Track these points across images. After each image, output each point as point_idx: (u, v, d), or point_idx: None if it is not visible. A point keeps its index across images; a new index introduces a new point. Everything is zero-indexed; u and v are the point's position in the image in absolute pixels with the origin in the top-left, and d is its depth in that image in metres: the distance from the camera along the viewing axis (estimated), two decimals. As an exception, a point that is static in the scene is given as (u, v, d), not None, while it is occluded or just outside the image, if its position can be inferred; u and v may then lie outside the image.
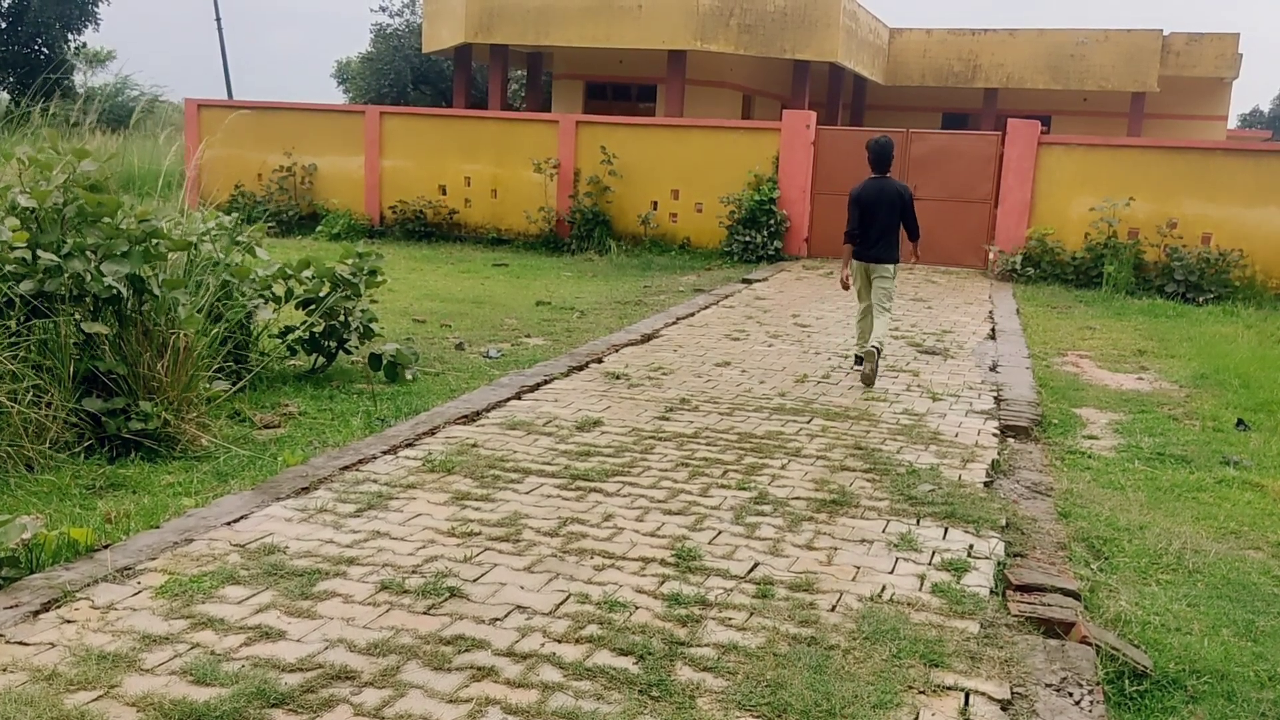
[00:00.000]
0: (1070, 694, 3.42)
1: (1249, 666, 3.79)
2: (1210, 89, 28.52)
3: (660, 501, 5.13)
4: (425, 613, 3.79)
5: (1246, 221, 14.92)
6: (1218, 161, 15.20)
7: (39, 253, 5.48)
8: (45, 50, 35.81)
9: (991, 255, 15.92)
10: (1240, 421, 7.53)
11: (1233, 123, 37.84)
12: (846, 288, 8.74)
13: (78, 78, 37.09)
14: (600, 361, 8.58)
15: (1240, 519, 5.46)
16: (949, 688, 3.40)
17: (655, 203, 17.51)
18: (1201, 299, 14.22)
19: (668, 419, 6.78)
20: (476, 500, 5.05)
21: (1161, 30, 25.73)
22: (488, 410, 6.82)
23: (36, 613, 3.66)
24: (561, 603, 3.91)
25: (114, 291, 5.57)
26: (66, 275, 5.48)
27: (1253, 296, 14.28)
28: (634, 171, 17.42)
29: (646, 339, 9.75)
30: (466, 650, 3.51)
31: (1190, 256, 14.65)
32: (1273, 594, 4.49)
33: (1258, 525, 5.38)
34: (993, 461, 6.13)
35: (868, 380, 8.20)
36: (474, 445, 5.98)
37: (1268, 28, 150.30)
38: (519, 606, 3.87)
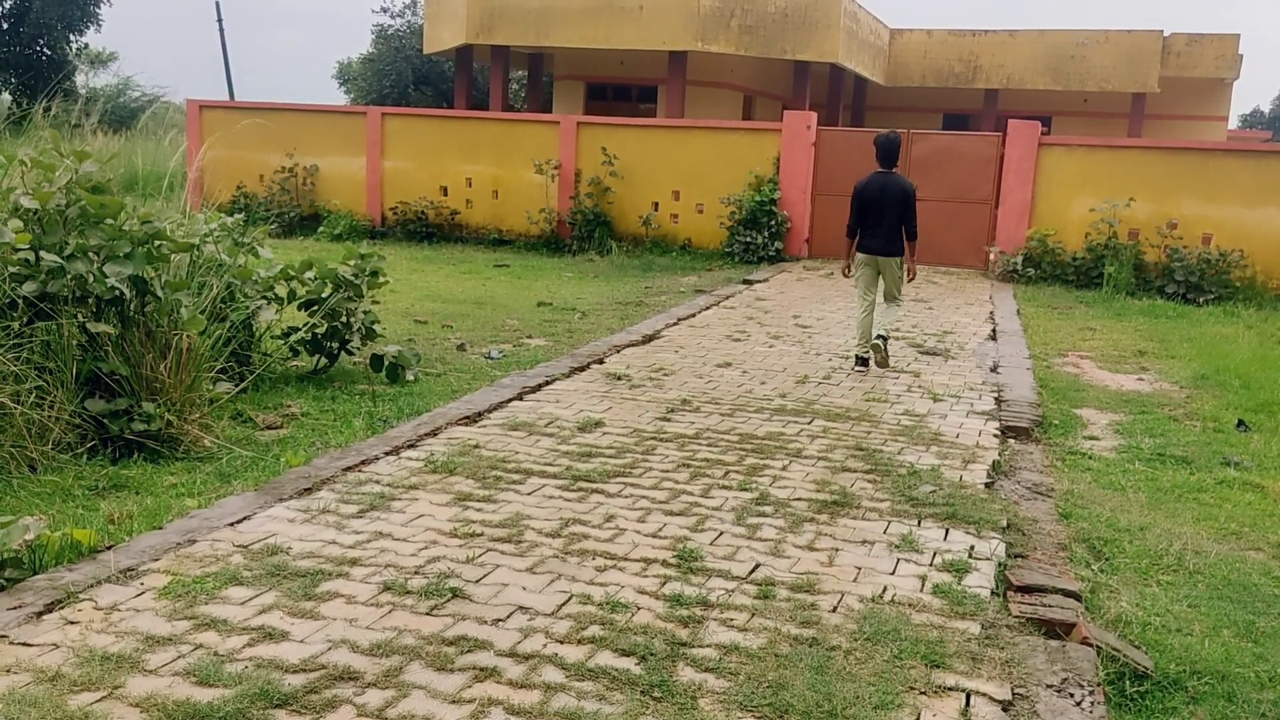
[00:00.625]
0: (1071, 695, 3.43)
1: (1249, 667, 3.80)
2: (1210, 89, 28.53)
3: (662, 502, 5.14)
4: (428, 613, 3.80)
5: (1247, 222, 14.93)
6: (1218, 162, 15.21)
7: (42, 254, 5.49)
8: (47, 51, 35.84)
9: (992, 256, 15.93)
10: (1241, 422, 7.54)
11: (1233, 123, 37.83)
12: (847, 275, 8.92)
13: (79, 79, 37.19)
14: (601, 362, 8.59)
15: (1241, 520, 5.47)
16: (950, 688, 3.41)
17: (656, 203, 17.52)
18: (1202, 300, 14.23)
19: (669, 420, 6.79)
20: (478, 501, 5.06)
21: (1162, 31, 25.75)
22: (489, 411, 6.83)
23: (40, 614, 3.67)
24: (564, 604, 3.92)
25: (117, 293, 5.58)
26: (69, 276, 5.49)
27: (1253, 297, 14.28)
28: (635, 172, 17.44)
29: (648, 340, 9.76)
30: (469, 651, 3.52)
31: (1190, 257, 14.66)
32: (1273, 595, 4.50)
33: (1258, 526, 5.39)
34: (993, 462, 6.14)
35: (882, 364, 8.49)
36: (476, 446, 5.99)
37: (1268, 28, 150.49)
38: (521, 607, 3.88)
